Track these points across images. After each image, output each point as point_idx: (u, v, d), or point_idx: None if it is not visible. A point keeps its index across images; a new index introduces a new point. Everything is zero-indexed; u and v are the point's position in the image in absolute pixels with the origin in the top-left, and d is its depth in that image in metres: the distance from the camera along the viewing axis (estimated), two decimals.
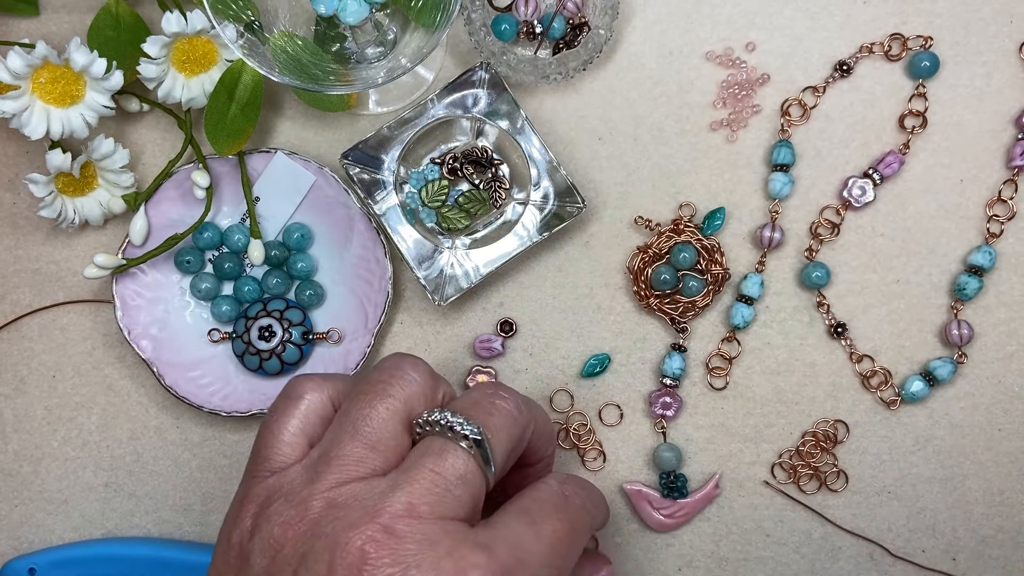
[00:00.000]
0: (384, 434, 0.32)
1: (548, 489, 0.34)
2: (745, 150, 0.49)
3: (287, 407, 0.35)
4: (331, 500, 0.31)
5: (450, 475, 0.31)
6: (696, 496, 0.48)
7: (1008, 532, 0.49)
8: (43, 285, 0.50)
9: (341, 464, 0.32)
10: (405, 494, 0.30)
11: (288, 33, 0.44)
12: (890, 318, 0.49)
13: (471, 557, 0.29)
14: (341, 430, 0.33)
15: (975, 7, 0.49)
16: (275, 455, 0.34)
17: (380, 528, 0.29)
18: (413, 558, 0.29)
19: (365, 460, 0.32)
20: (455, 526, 0.30)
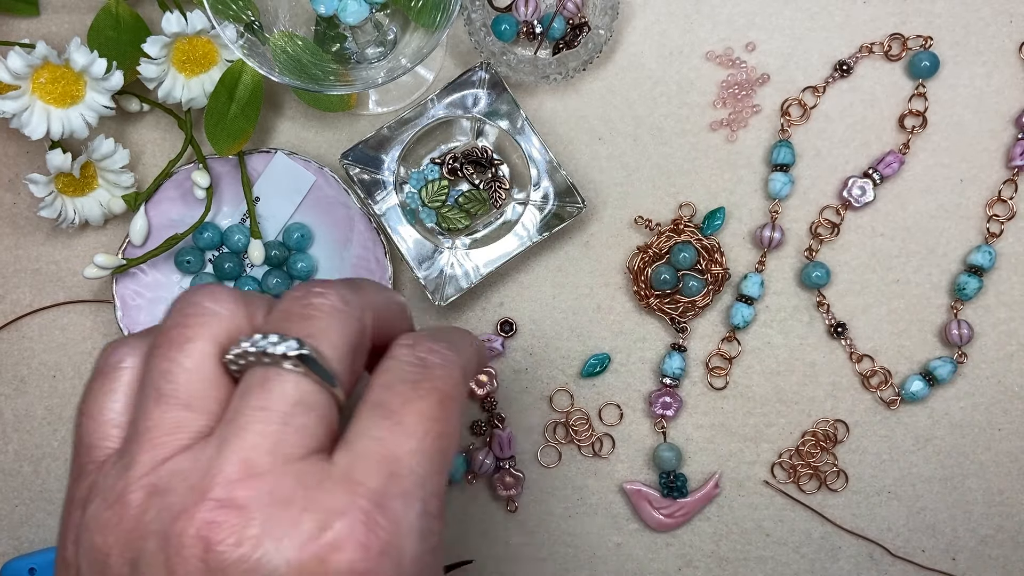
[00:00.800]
0: (195, 386, 0.27)
1: (398, 365, 0.28)
2: (745, 150, 0.49)
3: (104, 382, 0.29)
4: (151, 486, 0.25)
5: (282, 407, 0.25)
6: (696, 496, 0.48)
7: (1008, 532, 0.49)
8: (43, 285, 0.50)
9: (153, 437, 0.26)
10: (236, 451, 0.25)
11: (288, 33, 0.44)
12: (890, 318, 0.49)
13: (331, 501, 0.24)
14: (146, 396, 0.27)
15: (975, 7, 0.49)
16: (98, 444, 0.28)
17: (215, 505, 0.24)
18: (264, 527, 0.24)
19: (183, 425, 0.26)
20: (306, 466, 0.25)
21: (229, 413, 0.26)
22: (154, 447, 0.26)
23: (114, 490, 0.26)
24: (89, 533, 0.26)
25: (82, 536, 0.26)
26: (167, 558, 0.24)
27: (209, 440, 0.26)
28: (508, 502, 0.49)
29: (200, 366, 0.27)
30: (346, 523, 0.24)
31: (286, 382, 0.26)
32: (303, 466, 0.25)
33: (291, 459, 0.25)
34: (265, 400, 0.26)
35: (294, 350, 0.26)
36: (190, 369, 0.27)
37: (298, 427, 0.26)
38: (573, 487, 0.49)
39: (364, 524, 0.24)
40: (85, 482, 0.27)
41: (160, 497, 0.25)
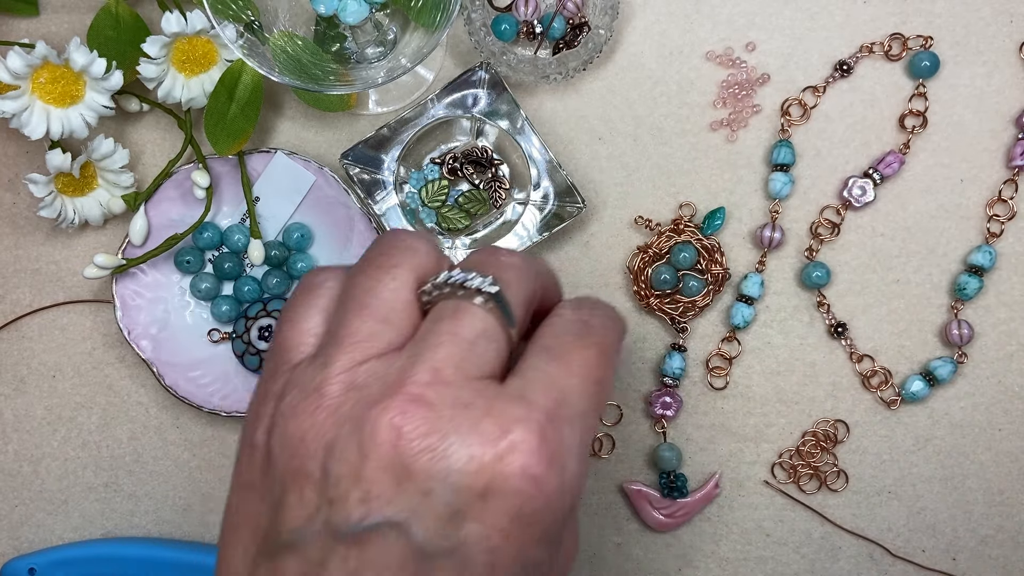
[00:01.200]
0: (394, 305, 0.30)
1: (564, 320, 0.32)
2: (745, 150, 0.49)
3: (306, 297, 0.32)
4: (348, 382, 0.29)
5: (470, 334, 0.29)
6: (696, 496, 0.48)
7: (1008, 532, 0.49)
8: (43, 285, 0.50)
9: (352, 342, 0.29)
10: (427, 361, 0.28)
11: (288, 33, 0.44)
12: (890, 318, 0.49)
13: (511, 411, 0.28)
14: (347, 308, 0.30)
15: (975, 7, 0.49)
16: (295, 347, 0.31)
17: (409, 399, 0.27)
18: (450, 424, 0.27)
19: (378, 335, 0.30)
20: (485, 384, 0.28)
21: (420, 333, 0.30)
22: (352, 350, 0.29)
23: (312, 383, 0.29)
24: (285, 420, 0.29)
25: (277, 423, 0.29)
26: (360, 441, 0.27)
27: (400, 352, 0.29)
28: None
29: (400, 288, 0.30)
30: (523, 430, 0.27)
31: (475, 315, 0.29)
32: (482, 383, 0.29)
33: (472, 376, 0.29)
34: (456, 326, 0.29)
35: (488, 286, 0.30)
36: (392, 289, 0.30)
37: (481, 353, 0.29)
38: None
39: (538, 434, 0.27)
40: (280, 380, 0.31)
41: (356, 391, 0.28)
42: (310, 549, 0.27)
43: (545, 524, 0.28)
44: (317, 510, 0.28)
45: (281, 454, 0.29)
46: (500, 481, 0.27)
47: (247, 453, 0.31)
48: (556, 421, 0.28)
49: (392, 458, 0.27)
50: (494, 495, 0.27)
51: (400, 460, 0.27)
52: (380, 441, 0.27)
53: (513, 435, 0.27)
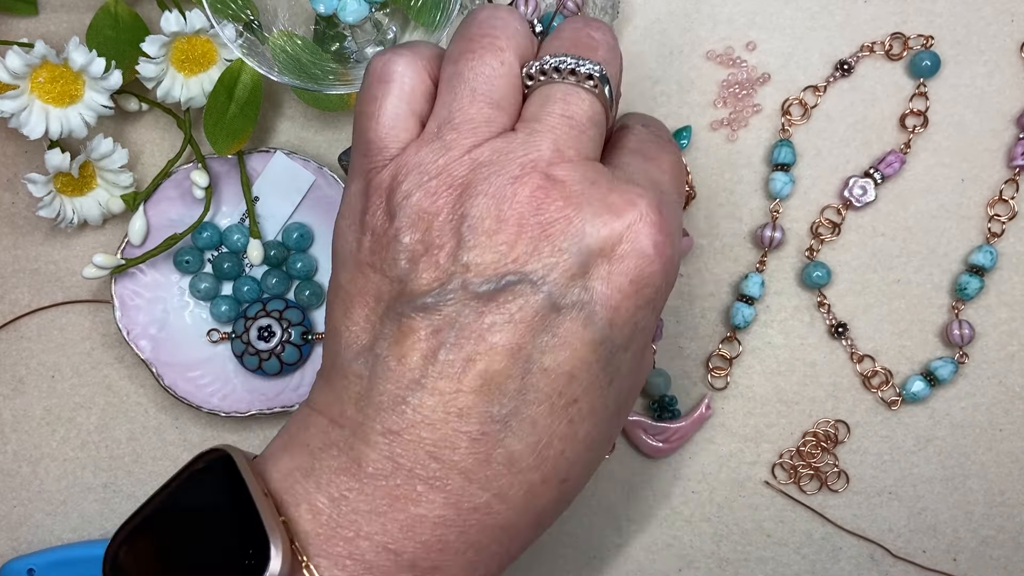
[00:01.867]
0: (506, 90, 0.31)
1: (642, 132, 0.35)
2: (745, 149, 0.49)
3: (382, 89, 0.32)
4: (475, 161, 0.30)
5: (582, 117, 0.31)
6: (689, 419, 0.48)
7: (1009, 532, 0.49)
8: (42, 285, 0.50)
9: (470, 127, 0.30)
10: (549, 141, 0.30)
11: (287, 32, 0.44)
12: (891, 318, 0.49)
13: (631, 188, 0.30)
14: (457, 93, 0.31)
15: (976, 6, 0.49)
16: (387, 140, 0.32)
17: (541, 175, 0.29)
18: (582, 197, 0.29)
19: (493, 120, 0.31)
20: (601, 166, 0.31)
21: (532, 114, 0.31)
22: (471, 134, 0.30)
23: (436, 164, 0.30)
24: (410, 200, 0.30)
25: (402, 203, 0.30)
26: (499, 212, 0.29)
27: (516, 133, 0.31)
28: None
29: (508, 72, 0.31)
30: (645, 204, 0.30)
31: (584, 99, 0.31)
32: (598, 165, 0.31)
33: (588, 157, 0.31)
34: (568, 109, 0.31)
35: (597, 72, 0.31)
36: (501, 74, 0.31)
37: (591, 136, 0.31)
38: None
39: (657, 208, 0.30)
40: (387, 171, 0.31)
41: (487, 168, 0.30)
42: (444, 307, 0.29)
43: (657, 288, 0.31)
44: (451, 275, 0.29)
45: (410, 232, 0.30)
46: (627, 245, 0.30)
47: (356, 238, 0.32)
48: (666, 202, 0.31)
49: (530, 224, 0.29)
50: (620, 258, 0.30)
51: (539, 225, 0.29)
52: (519, 211, 0.29)
53: (639, 207, 0.30)
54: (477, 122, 0.31)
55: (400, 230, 0.30)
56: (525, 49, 0.32)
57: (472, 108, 0.31)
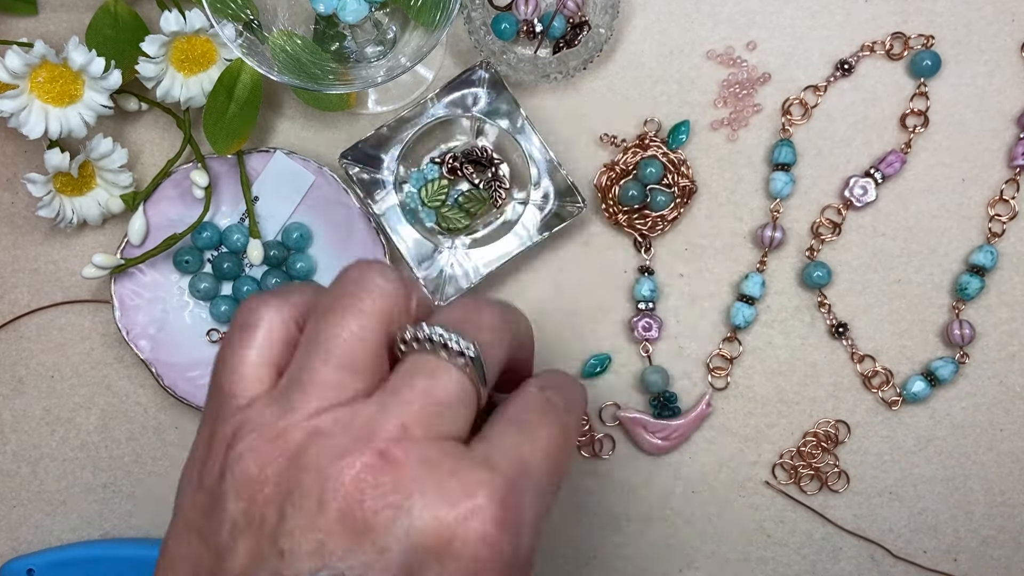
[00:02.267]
0: (362, 354, 0.29)
1: (532, 396, 0.32)
2: (746, 149, 0.49)
3: (243, 336, 0.31)
4: (313, 429, 0.28)
5: (444, 395, 0.29)
6: (689, 416, 0.48)
7: (1010, 533, 0.49)
8: (41, 285, 0.50)
9: (318, 390, 0.28)
10: (397, 416, 0.28)
11: (287, 32, 0.44)
12: (891, 318, 0.49)
13: (475, 475, 0.27)
14: (312, 354, 0.29)
15: (976, 6, 0.49)
16: (238, 390, 0.30)
17: (375, 454, 0.27)
18: (415, 483, 0.27)
19: (344, 384, 0.29)
20: (452, 446, 0.28)
21: (392, 385, 0.29)
22: (317, 398, 0.28)
23: (274, 427, 0.28)
24: (243, 463, 0.28)
25: (232, 465, 0.28)
26: (322, 492, 0.26)
27: (369, 401, 0.29)
28: None
29: (368, 336, 0.30)
30: (485, 495, 0.27)
31: (452, 376, 0.29)
32: (449, 445, 0.28)
33: (441, 436, 0.28)
34: (432, 385, 0.29)
35: (470, 352, 0.29)
36: (360, 338, 0.29)
37: (451, 414, 0.29)
38: (573, 487, 0.49)
39: (500, 501, 0.27)
40: (230, 423, 0.29)
41: (322, 439, 0.27)
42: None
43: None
44: (264, 560, 0.27)
45: (233, 499, 0.28)
46: (459, 544, 0.26)
47: (191, 495, 0.30)
48: (518, 490, 0.28)
49: (353, 512, 0.26)
50: (450, 557, 0.26)
51: (361, 515, 0.26)
52: (343, 494, 0.26)
53: (476, 499, 0.27)
54: (326, 386, 0.29)
55: (226, 494, 0.28)
56: (395, 311, 0.30)
57: (323, 370, 0.29)
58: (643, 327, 0.48)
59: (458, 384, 0.29)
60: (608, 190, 0.48)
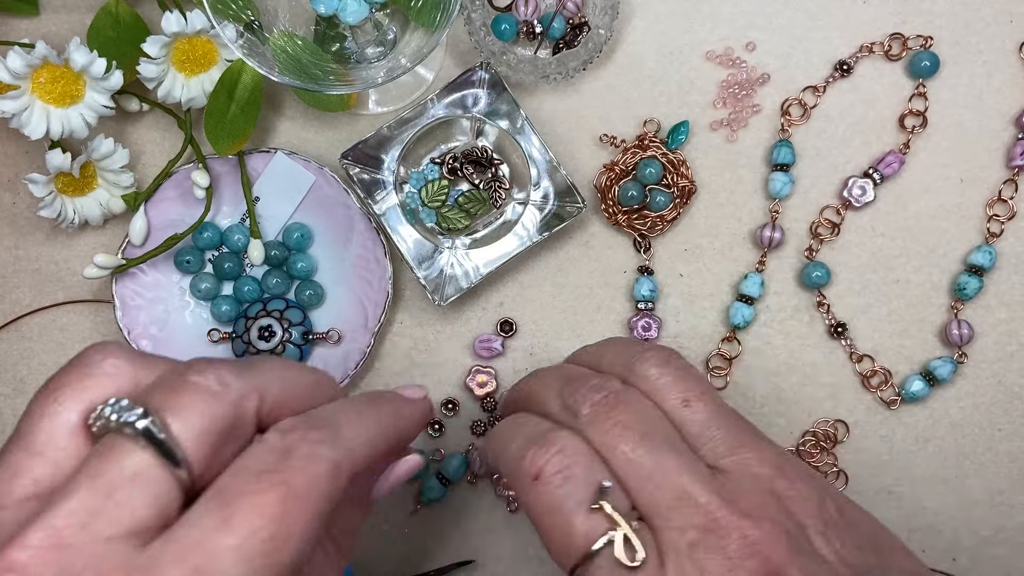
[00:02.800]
0: (50, 436, 0.27)
1: (257, 450, 0.27)
2: (745, 150, 0.49)
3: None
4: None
5: (116, 478, 0.25)
6: None
7: (1008, 532, 0.49)
8: (43, 285, 0.50)
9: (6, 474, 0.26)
10: (51, 517, 0.24)
11: (288, 33, 0.44)
12: (890, 318, 0.49)
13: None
14: (9, 437, 0.28)
15: (975, 7, 0.49)
16: None
17: (6, 567, 0.24)
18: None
19: (23, 469, 0.26)
20: (112, 548, 0.24)
21: (70, 475, 0.26)
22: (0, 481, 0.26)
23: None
24: None
25: None
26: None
27: (44, 498, 0.25)
28: (509, 502, 0.49)
29: (59, 416, 0.27)
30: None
31: (127, 453, 0.25)
32: (110, 547, 0.24)
33: (100, 537, 0.24)
34: (100, 468, 0.25)
35: (141, 420, 0.25)
36: (51, 416, 0.27)
37: (121, 502, 0.25)
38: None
39: None
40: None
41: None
42: None
43: None
44: None
45: None
46: None
47: None
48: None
49: None
50: None
51: None
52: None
53: None
54: (6, 472, 0.26)
55: None
56: (106, 391, 0.27)
57: (8, 454, 0.27)
58: (642, 327, 0.49)
59: (134, 462, 0.25)
60: (608, 190, 0.48)
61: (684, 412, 0.33)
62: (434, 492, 0.49)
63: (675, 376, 0.34)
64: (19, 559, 0.24)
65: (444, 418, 0.49)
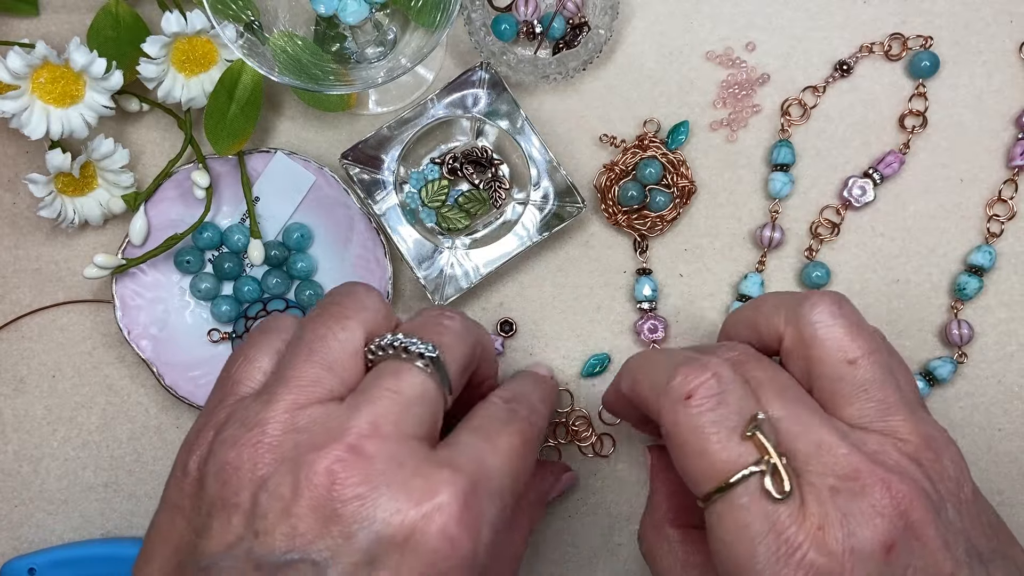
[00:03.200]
0: (341, 356, 0.32)
1: (495, 407, 0.35)
2: (745, 150, 0.49)
3: (266, 339, 0.34)
4: (289, 424, 0.30)
5: (409, 394, 0.31)
6: None
7: None
8: (43, 285, 0.50)
9: (298, 384, 0.31)
10: (368, 414, 0.30)
11: (288, 33, 0.44)
12: (890, 318, 0.49)
13: (439, 474, 0.29)
14: (296, 352, 0.32)
15: (975, 7, 0.49)
16: (243, 381, 0.33)
17: (347, 448, 0.29)
18: (382, 477, 0.29)
19: (321, 381, 0.31)
20: (418, 445, 0.30)
21: (362, 387, 0.31)
22: (297, 391, 0.31)
23: (255, 418, 0.30)
24: (223, 450, 0.30)
25: (215, 451, 0.31)
26: (295, 481, 0.29)
27: (341, 404, 0.31)
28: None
29: (348, 340, 0.32)
30: (448, 494, 0.29)
31: (415, 376, 0.31)
32: (416, 444, 0.30)
33: (407, 435, 0.30)
34: (397, 385, 0.31)
35: (430, 352, 0.32)
36: (341, 340, 0.32)
37: (417, 414, 0.31)
38: (573, 487, 0.49)
39: (461, 500, 0.29)
40: (224, 411, 0.32)
41: (296, 433, 0.30)
42: (223, 573, 0.28)
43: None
44: (240, 539, 0.29)
45: (213, 482, 0.30)
46: (419, 537, 0.28)
47: (178, 477, 0.32)
48: (479, 491, 0.30)
49: (323, 500, 0.28)
50: (411, 549, 0.28)
51: (330, 503, 0.28)
52: (315, 483, 0.28)
53: (439, 497, 0.29)
54: (305, 380, 0.31)
55: (207, 478, 0.30)
56: (375, 324, 0.33)
57: (303, 366, 0.31)
58: (649, 329, 0.48)
59: (421, 383, 0.31)
60: (608, 190, 0.48)
61: (846, 369, 0.33)
62: None
63: (846, 328, 0.34)
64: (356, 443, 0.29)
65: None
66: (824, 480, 0.31)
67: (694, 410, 0.32)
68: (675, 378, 0.33)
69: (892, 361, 0.35)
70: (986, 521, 0.33)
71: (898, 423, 0.33)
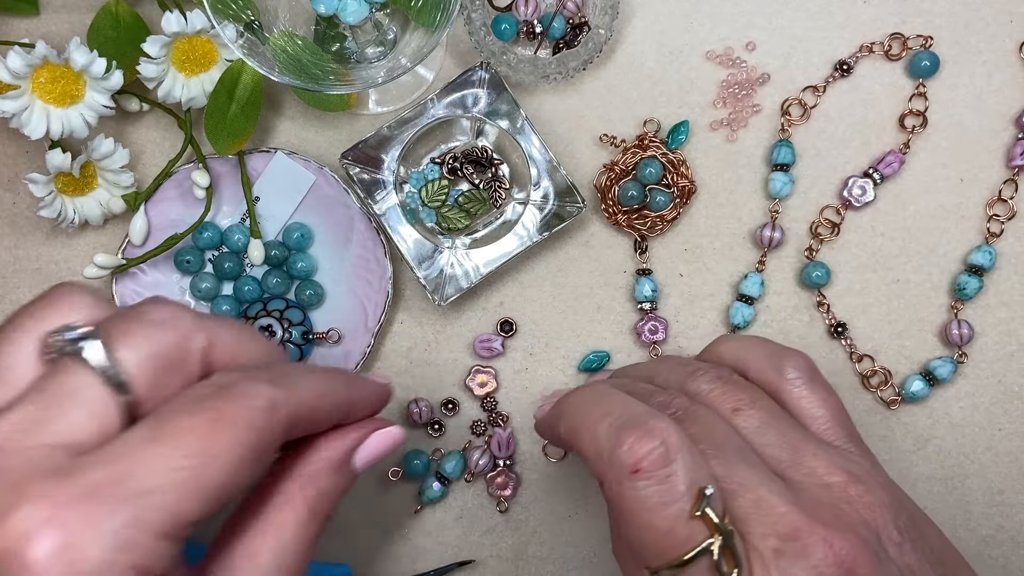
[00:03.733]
0: (13, 362, 0.28)
1: (200, 384, 0.28)
2: (745, 150, 0.49)
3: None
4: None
5: (56, 393, 0.26)
6: None
7: (1008, 532, 0.49)
8: (43, 285, 0.50)
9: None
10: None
11: (288, 33, 0.44)
12: (890, 318, 0.49)
13: (34, 489, 0.25)
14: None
15: (975, 7, 0.49)
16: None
17: None
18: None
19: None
20: (45, 455, 0.25)
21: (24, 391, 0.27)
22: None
23: None
24: None
25: None
26: None
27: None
28: (499, 502, 0.49)
29: (17, 341, 0.28)
30: (32, 508, 0.24)
31: (69, 371, 0.27)
32: (44, 453, 0.26)
33: (37, 443, 0.26)
34: (45, 383, 0.27)
35: (85, 341, 0.27)
36: (16, 348, 0.28)
37: (61, 415, 0.26)
38: (573, 487, 0.49)
39: (47, 514, 0.24)
40: None
41: None
42: None
43: None
44: None
45: None
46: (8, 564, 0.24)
47: None
48: (95, 500, 0.25)
49: None
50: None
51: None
52: None
53: (20, 512, 0.24)
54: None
55: None
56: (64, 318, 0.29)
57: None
58: (649, 330, 0.48)
59: (75, 379, 0.27)
60: (608, 190, 0.48)
61: (736, 420, 0.34)
62: (434, 492, 0.49)
63: (724, 389, 0.36)
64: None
65: (444, 418, 0.49)
66: (766, 542, 0.30)
67: (641, 485, 0.30)
68: (620, 446, 0.31)
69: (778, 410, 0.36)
70: (930, 547, 0.33)
71: (816, 465, 0.33)
